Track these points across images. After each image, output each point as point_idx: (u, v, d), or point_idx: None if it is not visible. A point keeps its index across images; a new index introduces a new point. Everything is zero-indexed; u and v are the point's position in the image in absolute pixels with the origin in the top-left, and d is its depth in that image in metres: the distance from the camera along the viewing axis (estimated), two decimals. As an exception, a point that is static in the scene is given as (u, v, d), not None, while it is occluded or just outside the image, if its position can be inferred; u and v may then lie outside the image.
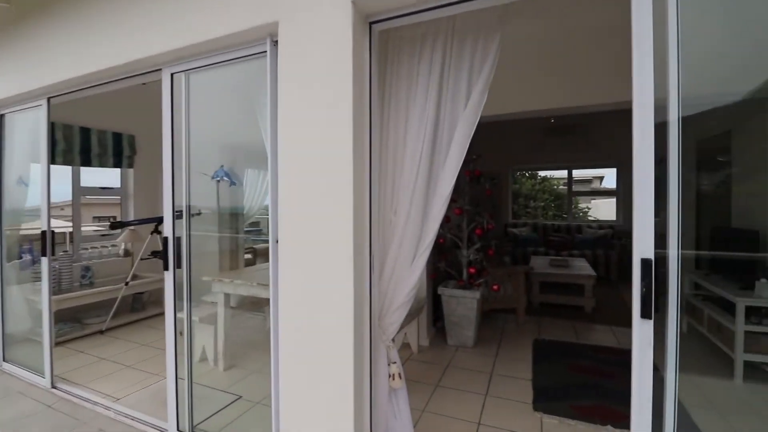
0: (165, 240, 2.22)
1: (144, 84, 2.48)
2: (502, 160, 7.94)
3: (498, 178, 7.98)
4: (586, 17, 2.83)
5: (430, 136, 1.76)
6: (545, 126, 7.45)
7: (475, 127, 1.71)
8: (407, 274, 1.80)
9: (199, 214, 2.53)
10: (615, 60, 2.91)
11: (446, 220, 3.80)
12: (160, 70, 2.27)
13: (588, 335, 3.99)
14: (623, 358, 3.31)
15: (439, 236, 4.04)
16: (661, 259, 1.18)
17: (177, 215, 2.24)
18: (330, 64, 1.63)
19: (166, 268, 2.22)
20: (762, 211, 3.23)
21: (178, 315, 2.25)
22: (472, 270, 3.55)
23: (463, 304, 3.54)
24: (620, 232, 7.13)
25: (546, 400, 2.60)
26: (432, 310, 3.93)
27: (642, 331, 1.20)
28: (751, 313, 2.88)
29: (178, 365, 2.23)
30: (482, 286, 3.70)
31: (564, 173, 8.41)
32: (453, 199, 4.06)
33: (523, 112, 3.31)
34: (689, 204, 5.39)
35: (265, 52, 1.86)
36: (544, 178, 10.78)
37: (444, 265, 3.72)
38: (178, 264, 2.20)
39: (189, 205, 2.24)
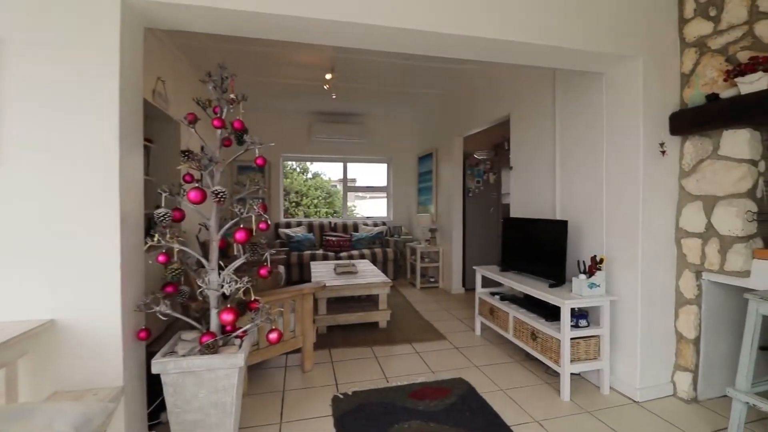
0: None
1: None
2: (272, 146, 6.46)
3: (268, 165, 6.46)
4: None
5: None
6: (318, 110, 6.52)
7: None
8: None
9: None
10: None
11: (176, 217, 1.93)
12: None
13: (394, 366, 3.00)
14: (448, 399, 2.43)
15: (160, 250, 2.03)
16: None
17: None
18: None
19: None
20: (571, 203, 3.05)
21: None
22: (227, 315, 1.83)
23: (210, 384, 1.79)
24: (391, 229, 7.06)
25: None
26: (147, 401, 1.95)
27: None
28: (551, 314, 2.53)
29: None
30: (250, 333, 2.05)
31: (332, 174, 7.82)
32: (191, 177, 2.10)
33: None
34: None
35: None
36: (316, 174, 10.03)
37: (170, 307, 1.84)
38: None
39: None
